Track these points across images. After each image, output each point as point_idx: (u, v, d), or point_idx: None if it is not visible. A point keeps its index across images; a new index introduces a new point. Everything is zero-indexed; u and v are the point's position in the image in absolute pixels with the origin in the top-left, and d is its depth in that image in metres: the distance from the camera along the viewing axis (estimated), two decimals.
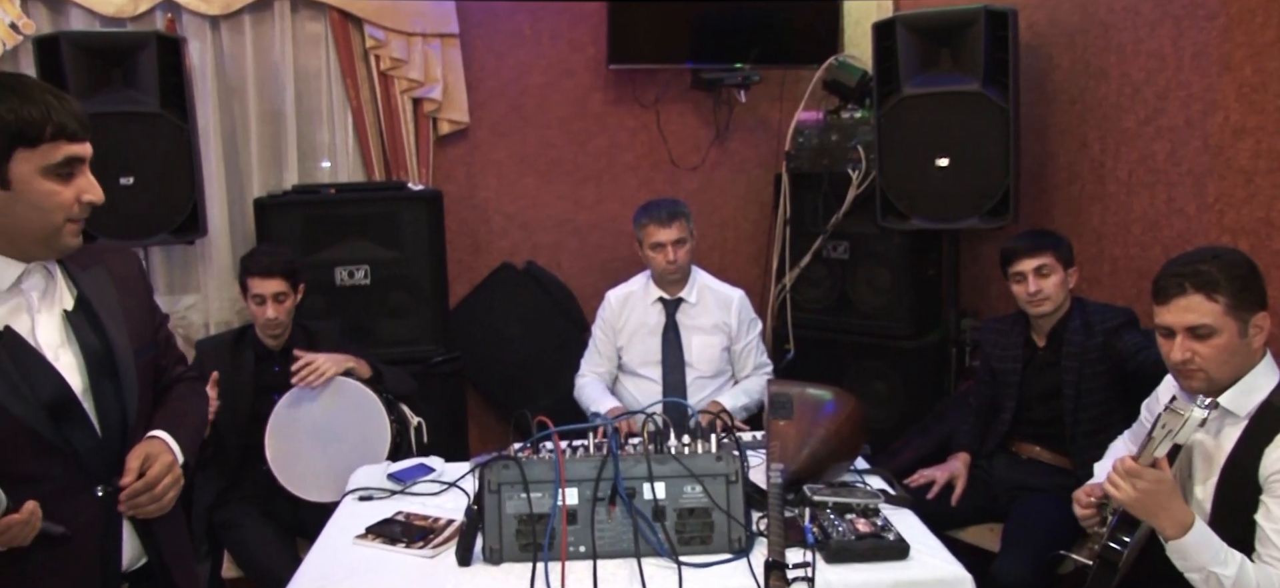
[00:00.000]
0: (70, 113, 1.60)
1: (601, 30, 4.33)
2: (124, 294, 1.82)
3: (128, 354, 1.75)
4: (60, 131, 1.58)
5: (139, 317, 1.85)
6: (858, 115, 4.06)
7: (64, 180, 1.61)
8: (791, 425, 2.45)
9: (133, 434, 1.75)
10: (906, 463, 3.34)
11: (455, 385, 3.95)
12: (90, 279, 1.77)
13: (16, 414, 1.59)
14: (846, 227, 4.03)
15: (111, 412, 1.72)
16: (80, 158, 1.63)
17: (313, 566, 2.12)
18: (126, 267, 1.89)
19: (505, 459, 2.09)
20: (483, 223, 4.48)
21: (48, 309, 1.69)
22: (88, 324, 1.72)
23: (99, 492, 1.71)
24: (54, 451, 1.64)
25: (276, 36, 4.04)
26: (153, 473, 1.71)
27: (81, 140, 1.62)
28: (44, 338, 1.67)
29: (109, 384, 1.72)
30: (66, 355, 1.69)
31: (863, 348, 4.07)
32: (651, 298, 3.48)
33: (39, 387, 1.62)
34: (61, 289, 1.73)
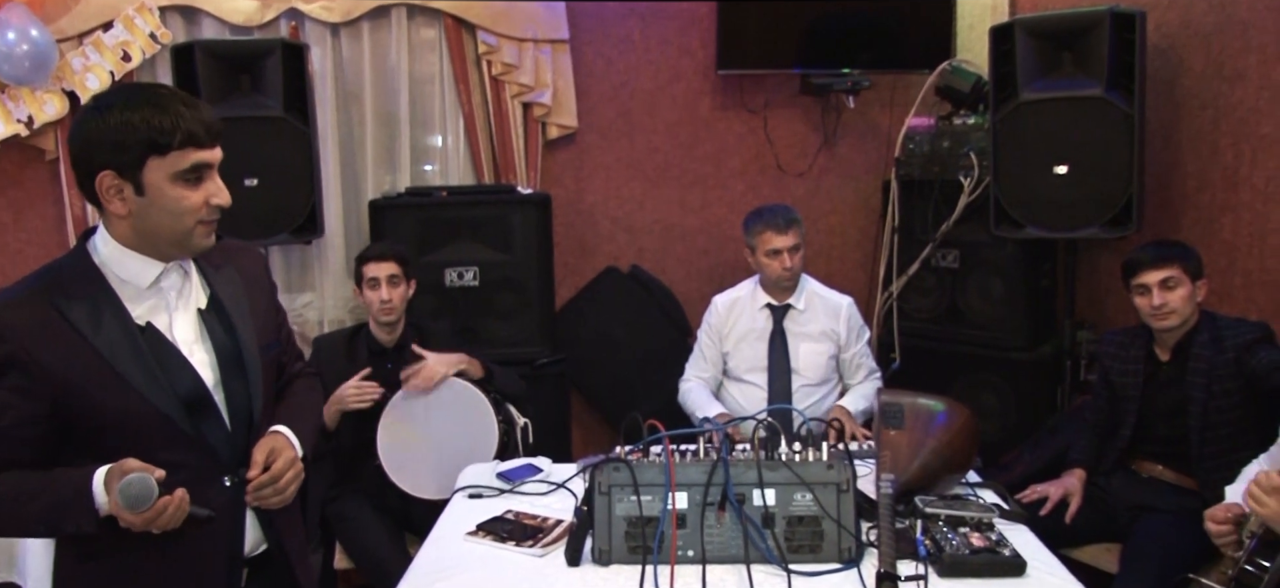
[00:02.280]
0: (199, 120, 1.65)
1: (710, 35, 4.34)
2: (252, 292, 1.89)
3: (254, 351, 1.82)
4: (189, 139, 1.63)
5: (264, 314, 1.92)
6: (971, 121, 3.97)
7: (192, 185, 1.66)
8: (903, 435, 2.41)
9: (258, 427, 1.82)
10: (1018, 478, 3.25)
11: (560, 387, 4.00)
12: (222, 278, 1.85)
13: (156, 406, 1.67)
14: (957, 235, 3.94)
15: (239, 406, 1.79)
16: (208, 164, 1.68)
17: (426, 559, 2.17)
18: (254, 266, 1.96)
19: (616, 462, 2.10)
20: (589, 227, 4.52)
21: (184, 307, 1.77)
22: (219, 322, 1.80)
23: (227, 481, 1.78)
24: (188, 441, 1.71)
25: (393, 43, 4.16)
26: (277, 467, 1.78)
27: (209, 147, 1.67)
28: (180, 334, 1.75)
29: (238, 380, 1.79)
30: (200, 352, 1.77)
31: (972, 359, 3.97)
32: (759, 304, 3.46)
33: (176, 381, 1.71)
34: (196, 288, 1.80)
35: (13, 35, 3.66)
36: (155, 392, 1.67)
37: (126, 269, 1.70)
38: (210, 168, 1.69)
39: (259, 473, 1.77)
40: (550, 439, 3.52)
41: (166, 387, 1.68)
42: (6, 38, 3.65)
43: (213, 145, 1.69)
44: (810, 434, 2.20)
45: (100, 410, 1.65)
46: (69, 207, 4.07)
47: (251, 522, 1.85)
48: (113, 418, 1.66)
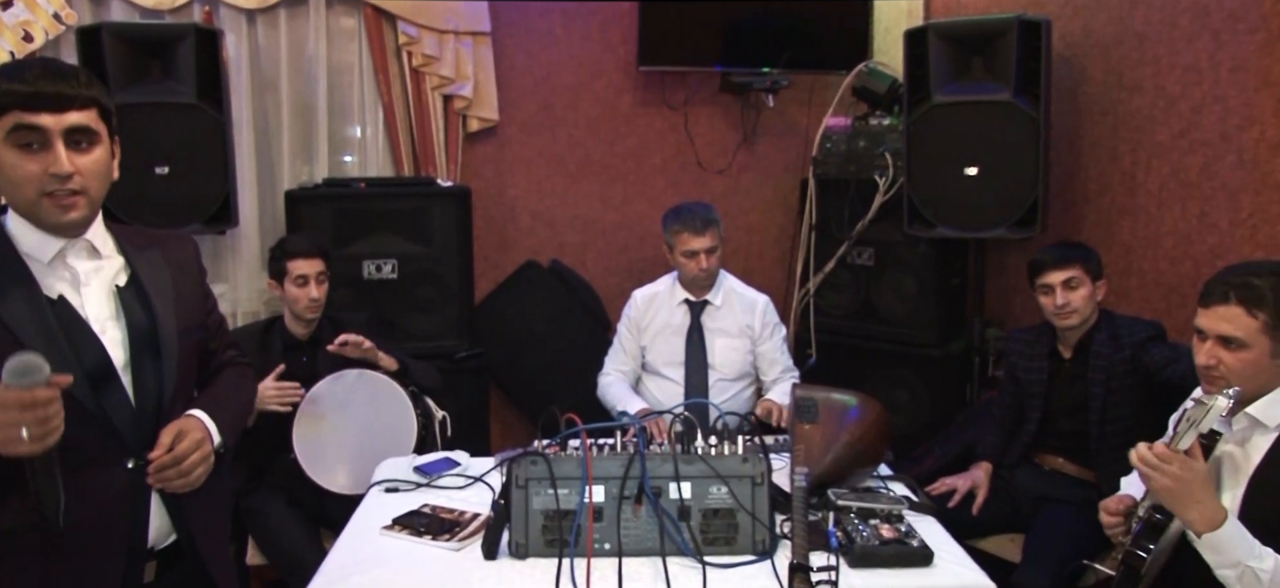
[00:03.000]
0: (32, 84, 1.60)
1: (632, 32, 4.35)
2: (177, 276, 1.87)
3: (172, 334, 1.80)
4: (14, 101, 1.60)
5: (189, 299, 1.90)
6: (886, 122, 4.06)
7: (25, 153, 1.62)
8: (816, 429, 2.45)
9: (168, 411, 1.78)
10: (928, 471, 3.34)
11: (479, 381, 3.98)
12: (144, 260, 1.83)
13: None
14: (872, 233, 4.03)
15: (149, 387, 1.76)
16: (34, 127, 1.61)
17: (340, 554, 2.15)
18: (181, 251, 1.94)
19: (533, 455, 2.11)
20: (510, 220, 4.50)
21: (99, 284, 1.75)
22: (137, 302, 1.78)
23: (129, 464, 1.73)
24: (91, 419, 1.67)
25: (311, 31, 4.08)
26: (181, 448, 1.74)
27: (39, 112, 1.61)
28: (93, 311, 1.73)
29: (150, 360, 1.76)
30: (113, 329, 1.74)
31: (886, 355, 4.06)
32: (677, 299, 3.50)
33: (83, 356, 1.68)
34: (117, 267, 1.79)
35: None
36: (60, 367, 1.59)
37: (28, 242, 1.69)
38: (41, 132, 1.61)
39: (163, 454, 1.73)
40: (469, 433, 3.50)
41: (73, 362, 1.64)
42: None
43: (45, 111, 1.61)
44: (726, 428, 2.24)
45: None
46: None
47: (160, 511, 1.80)
48: None
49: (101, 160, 1.70)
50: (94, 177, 1.69)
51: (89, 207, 1.69)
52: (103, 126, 1.70)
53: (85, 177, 1.66)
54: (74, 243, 1.73)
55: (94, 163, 1.68)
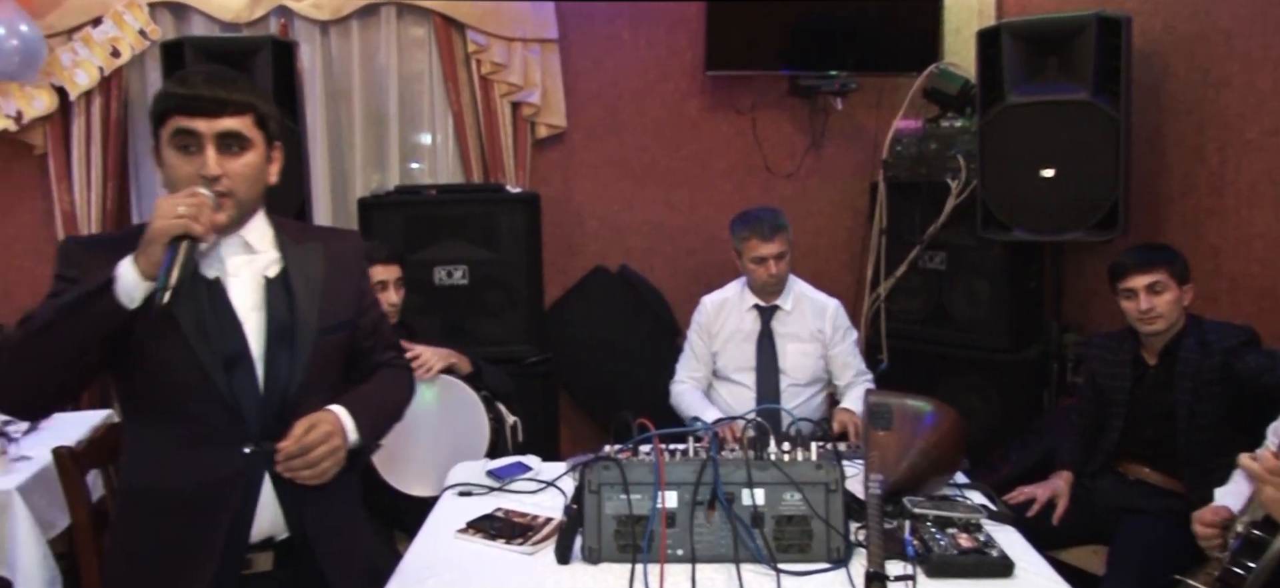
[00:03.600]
0: (192, 89, 1.70)
1: (699, 36, 4.35)
2: (332, 272, 1.92)
3: (310, 328, 1.85)
4: (175, 106, 1.70)
5: (340, 296, 1.94)
6: (958, 124, 3.99)
7: (183, 155, 1.71)
8: (891, 436, 2.41)
9: (295, 402, 1.81)
10: (1004, 479, 3.27)
11: (548, 386, 4.00)
12: (301, 253, 1.89)
13: (199, 358, 1.73)
14: (944, 237, 3.97)
15: (279, 377, 1.81)
16: (191, 131, 1.70)
17: (416, 557, 2.16)
18: (345, 248, 2.00)
19: (605, 460, 2.11)
20: (577, 226, 4.52)
21: (249, 275, 1.82)
22: (282, 294, 1.84)
23: (247, 450, 1.78)
24: (219, 400, 1.75)
25: (382, 41, 4.16)
26: (310, 438, 1.76)
27: (195, 116, 1.70)
28: (238, 299, 1.80)
29: (284, 351, 1.81)
30: (255, 318, 1.81)
31: (958, 360, 3.99)
32: (747, 305, 3.47)
33: (223, 337, 1.76)
34: (269, 260, 1.85)
35: (2, 30, 3.63)
36: (201, 345, 1.73)
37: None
38: (196, 136, 1.70)
39: (292, 443, 1.76)
40: (538, 438, 3.52)
41: (215, 342, 1.75)
42: None
43: (200, 116, 1.70)
44: (799, 434, 2.21)
45: (147, 349, 1.72)
46: (57, 201, 4.06)
47: (273, 504, 1.83)
48: (158, 360, 1.73)
49: (252, 164, 1.76)
50: (242, 180, 1.74)
51: (237, 208, 1.75)
52: (258, 133, 1.77)
53: (233, 180, 1.73)
54: (228, 238, 1.80)
55: (244, 167, 1.74)
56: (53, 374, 1.68)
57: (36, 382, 1.68)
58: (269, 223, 1.90)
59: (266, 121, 1.80)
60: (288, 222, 1.96)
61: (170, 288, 1.57)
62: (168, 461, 1.78)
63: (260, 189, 1.82)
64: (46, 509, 2.80)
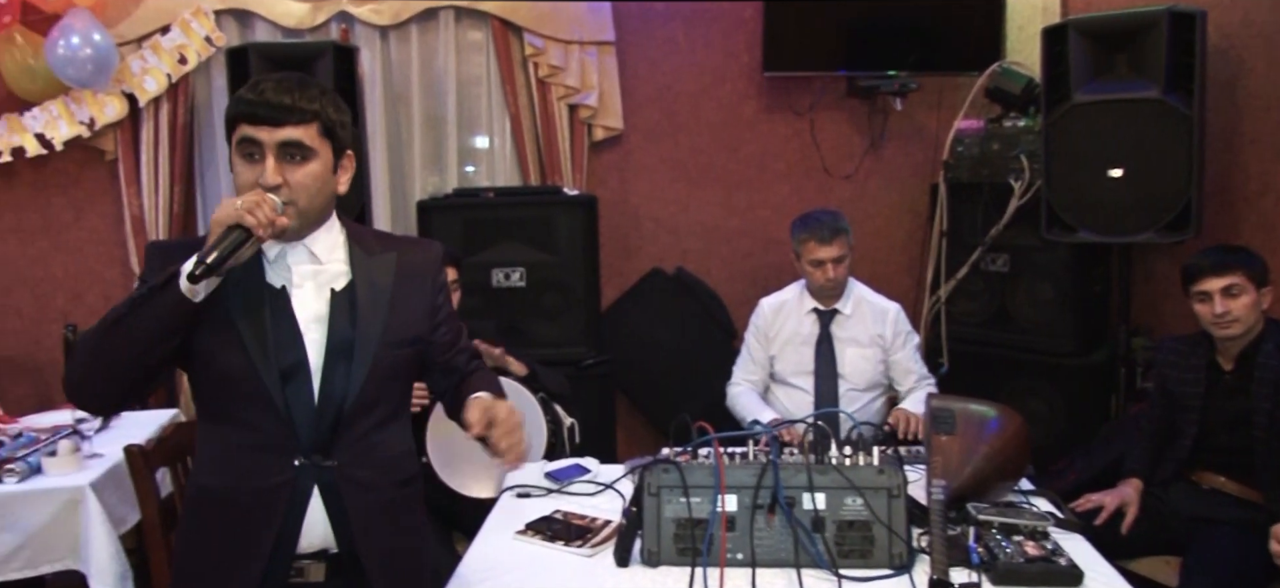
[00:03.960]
0: (258, 96, 1.70)
1: (756, 37, 4.32)
2: (404, 284, 1.90)
3: (372, 343, 1.82)
4: (242, 115, 1.70)
5: (411, 309, 1.91)
6: (1021, 124, 3.92)
7: (247, 162, 1.71)
8: (954, 441, 2.37)
9: (349, 418, 1.80)
10: (1069, 486, 3.19)
11: (604, 388, 4.00)
12: (372, 264, 1.87)
13: (258, 370, 1.73)
14: (1007, 238, 3.90)
15: (335, 391, 1.79)
16: (255, 140, 1.69)
17: (475, 558, 2.17)
18: (420, 259, 1.96)
19: (665, 463, 2.09)
20: (634, 228, 4.52)
21: (315, 287, 1.81)
22: (346, 308, 1.82)
23: (296, 462, 1.78)
24: (272, 408, 1.75)
25: (440, 45, 4.20)
26: (500, 414, 1.82)
27: (259, 125, 1.69)
28: (303, 310, 1.80)
29: (342, 365, 1.79)
30: (316, 330, 1.79)
31: (1021, 364, 3.92)
32: (806, 308, 3.44)
33: (282, 348, 1.76)
34: (336, 272, 1.84)
35: (77, 39, 3.74)
36: (261, 357, 1.73)
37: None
38: (259, 145, 1.70)
39: (482, 429, 1.80)
40: (595, 440, 3.52)
41: (273, 354, 1.74)
42: (71, 42, 3.74)
43: (263, 125, 1.69)
44: (861, 438, 2.18)
45: (210, 356, 1.74)
46: (127, 205, 4.16)
47: (323, 519, 1.82)
48: (218, 364, 1.74)
49: (315, 174, 1.74)
50: (303, 190, 1.72)
51: (297, 217, 1.73)
52: (323, 142, 1.74)
53: (294, 189, 1.71)
54: (294, 246, 1.79)
55: (305, 176, 1.72)
56: (124, 368, 1.69)
57: (109, 375, 1.70)
58: (343, 233, 1.88)
59: (334, 130, 1.77)
60: (365, 231, 1.94)
61: (206, 264, 1.58)
62: (227, 463, 1.80)
63: (325, 199, 1.80)
64: (117, 506, 2.86)
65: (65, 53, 3.75)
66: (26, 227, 4.29)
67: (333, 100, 1.78)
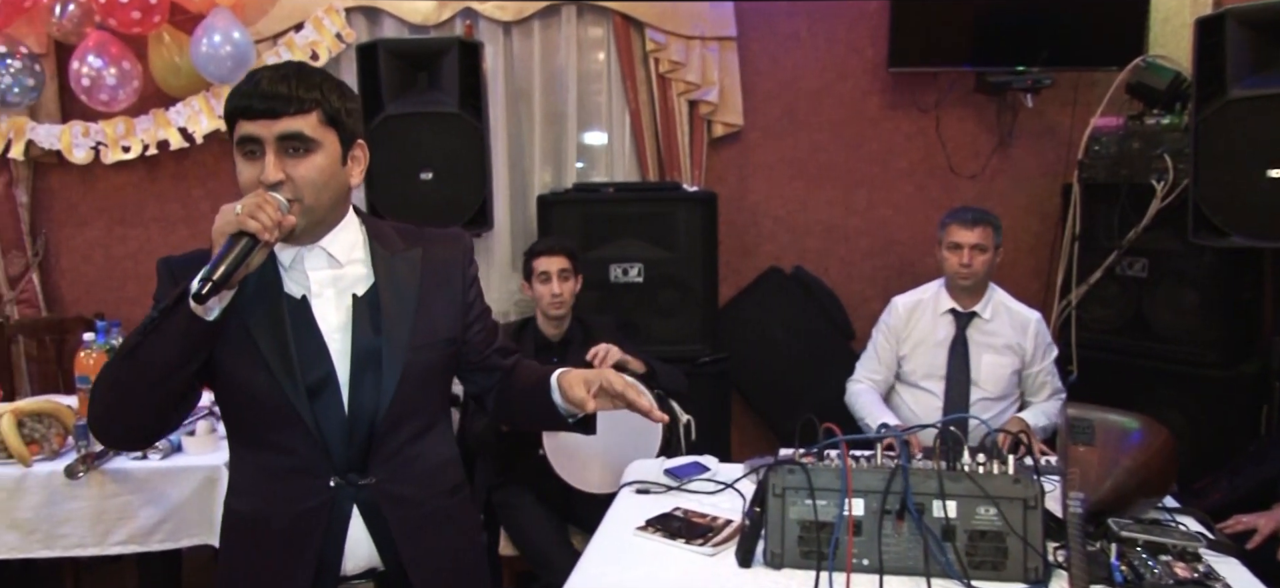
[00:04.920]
0: (252, 89, 1.57)
1: (881, 32, 4.23)
2: (431, 282, 1.78)
3: (400, 349, 1.70)
4: (237, 110, 1.58)
5: (442, 308, 1.79)
6: (1165, 121, 3.72)
7: (247, 159, 1.59)
8: (1093, 452, 2.26)
9: (382, 430, 1.70)
10: (1214, 506, 3.01)
11: (720, 386, 3.97)
12: (396, 263, 1.75)
13: (282, 387, 1.63)
14: (1146, 242, 3.71)
15: (364, 402, 1.68)
16: (254, 137, 1.57)
17: (596, 552, 2.17)
18: (447, 253, 1.83)
19: (790, 463, 2.05)
20: (752, 226, 4.48)
21: (335, 292, 1.70)
22: (369, 313, 1.70)
23: (332, 483, 1.68)
24: (301, 427, 1.65)
25: (562, 40, 4.23)
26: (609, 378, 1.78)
27: (254, 119, 1.57)
28: (325, 319, 1.69)
29: (370, 376, 1.68)
30: (339, 340, 1.68)
31: (1158, 374, 3.72)
32: (942, 308, 3.33)
33: (306, 361, 1.65)
34: (357, 275, 1.72)
35: (218, 37, 3.90)
36: (285, 374, 1.63)
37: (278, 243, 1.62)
38: (259, 141, 1.57)
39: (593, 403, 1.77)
40: (710, 438, 3.50)
41: (296, 370, 1.63)
42: (213, 40, 3.90)
43: (259, 118, 1.57)
44: (995, 446, 2.10)
45: (232, 375, 1.65)
46: None
47: (365, 537, 1.73)
48: (242, 387, 1.66)
49: (320, 167, 1.61)
50: (308, 185, 1.60)
51: (305, 215, 1.61)
52: (328, 132, 1.62)
53: (298, 185, 1.59)
54: (310, 249, 1.68)
55: (310, 169, 1.60)
56: (146, 398, 1.60)
57: (132, 408, 1.61)
58: (362, 230, 1.76)
59: (338, 118, 1.63)
60: (386, 226, 1.82)
61: (212, 280, 1.47)
62: (260, 487, 1.71)
63: (335, 194, 1.66)
64: None
65: (207, 50, 3.91)
66: (168, 216, 4.50)
67: (336, 86, 1.65)
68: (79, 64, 3.99)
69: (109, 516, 2.80)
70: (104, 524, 2.80)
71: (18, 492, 2.76)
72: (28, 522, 2.77)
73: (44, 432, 2.85)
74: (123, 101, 4.10)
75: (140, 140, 4.22)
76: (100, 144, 4.22)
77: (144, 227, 4.50)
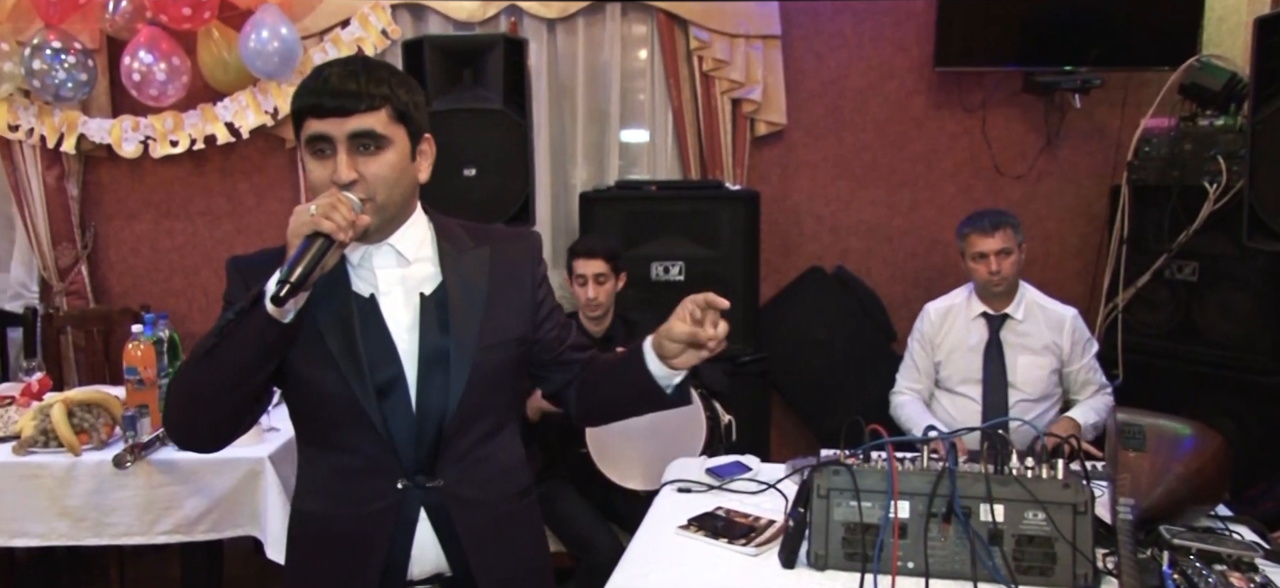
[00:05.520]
0: (322, 86, 1.55)
1: (927, 31, 4.19)
2: (500, 281, 1.75)
3: (469, 349, 1.67)
4: (307, 108, 1.56)
5: (507, 309, 1.75)
6: (1219, 123, 3.65)
7: (318, 158, 1.57)
8: (1144, 458, 2.22)
9: (450, 432, 1.68)
10: (1267, 515, 2.94)
11: (760, 386, 3.95)
12: (464, 261, 1.73)
13: (352, 388, 1.62)
14: (1196, 245, 3.65)
15: (432, 403, 1.66)
16: (324, 135, 1.55)
17: (639, 550, 2.16)
18: (515, 252, 1.80)
19: (835, 464, 2.04)
20: (794, 225, 4.45)
21: (403, 291, 1.68)
22: (437, 312, 1.68)
23: (400, 485, 1.67)
24: (370, 428, 1.64)
25: (606, 38, 4.24)
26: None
27: (325, 117, 1.54)
28: (393, 319, 1.67)
29: (438, 377, 1.66)
30: (407, 340, 1.67)
31: (1207, 379, 3.67)
32: (974, 312, 3.30)
33: (376, 366, 1.63)
34: (425, 274, 1.70)
35: (266, 33, 3.95)
36: (354, 373, 1.62)
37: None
38: (329, 140, 1.55)
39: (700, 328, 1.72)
40: (751, 438, 3.49)
41: (365, 369, 1.62)
42: (261, 35, 3.95)
43: (329, 117, 1.54)
44: (1043, 450, 2.07)
45: (301, 375, 1.64)
46: (303, 192, 4.36)
47: (433, 543, 1.71)
48: (311, 387, 1.64)
49: (392, 164, 1.59)
50: (381, 183, 1.58)
51: (377, 213, 1.59)
52: (398, 128, 1.60)
53: (371, 183, 1.57)
54: (379, 247, 1.66)
55: (382, 167, 1.58)
56: (223, 401, 1.59)
57: (208, 410, 1.61)
58: (430, 227, 1.74)
59: (407, 114, 1.61)
60: (453, 224, 1.79)
61: (290, 283, 1.44)
62: (327, 488, 1.70)
63: (406, 190, 1.65)
64: (290, 477, 2.98)
65: (255, 46, 3.96)
66: (214, 210, 4.56)
67: (403, 81, 1.63)
68: (130, 59, 4.05)
69: (156, 505, 2.84)
70: (151, 513, 2.84)
71: (67, 480, 2.80)
72: (77, 509, 2.82)
73: (93, 422, 2.89)
74: (172, 96, 4.16)
75: (188, 135, 4.28)
76: (149, 138, 4.28)
77: (190, 220, 4.56)
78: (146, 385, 2.96)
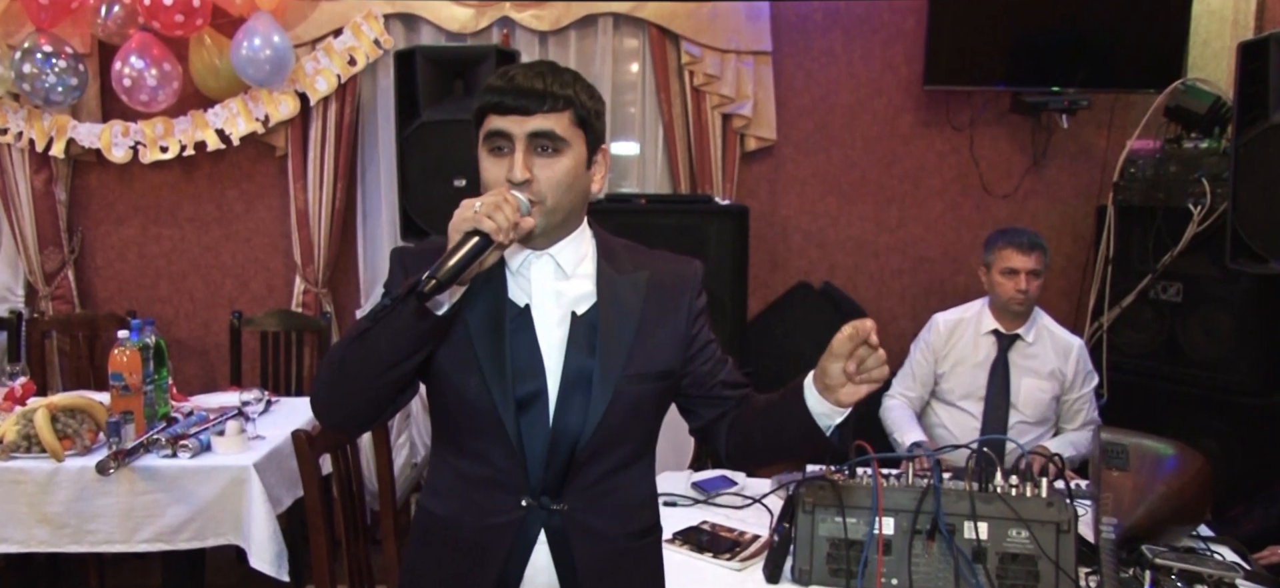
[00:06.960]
0: (507, 84, 1.54)
1: (916, 50, 4.21)
2: (654, 309, 1.68)
3: (613, 376, 1.61)
4: (489, 105, 1.55)
5: (662, 338, 1.68)
6: (1203, 145, 3.69)
7: (495, 156, 1.55)
8: (1127, 478, 2.24)
9: (583, 457, 1.62)
10: (1248, 536, 2.96)
11: None
12: (621, 283, 1.67)
13: (494, 399, 1.59)
14: (1180, 266, 3.67)
15: (569, 426, 1.61)
16: (503, 132, 1.53)
17: None
18: (676, 282, 1.73)
19: (820, 480, 2.05)
20: (782, 240, 4.47)
21: (557, 306, 1.63)
22: (587, 333, 1.63)
23: (523, 503, 1.63)
24: (504, 441, 1.60)
25: (598, 51, 4.24)
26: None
27: (507, 114, 1.52)
28: (544, 333, 1.63)
29: (579, 399, 1.61)
30: (554, 357, 1.62)
31: (1191, 400, 3.68)
32: (985, 328, 3.30)
33: (521, 379, 1.60)
34: (582, 291, 1.65)
35: (258, 41, 3.94)
36: (498, 383, 1.58)
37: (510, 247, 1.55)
38: (508, 137, 1.53)
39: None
40: None
41: (509, 380, 1.58)
42: (253, 43, 3.95)
43: (511, 115, 1.52)
44: (1028, 469, 2.09)
45: (445, 375, 1.62)
46: (293, 199, 4.35)
47: (548, 566, 1.66)
48: (453, 389, 1.62)
49: (566, 169, 1.55)
50: (553, 186, 1.54)
51: (544, 218, 1.55)
52: (578, 133, 1.57)
53: (544, 185, 1.54)
54: (539, 255, 1.62)
55: (556, 171, 1.54)
56: (368, 385, 1.56)
57: (354, 392, 1.58)
58: (593, 243, 1.69)
59: (588, 121, 1.58)
60: (617, 243, 1.73)
61: (437, 277, 1.40)
62: (453, 493, 1.68)
63: (576, 200, 1.60)
64: (275, 486, 2.99)
65: (247, 53, 3.96)
66: (203, 216, 4.54)
67: (587, 87, 1.59)
68: (121, 64, 4.04)
69: (138, 513, 2.83)
70: (132, 521, 2.83)
71: (49, 486, 2.79)
72: (58, 516, 2.81)
73: (76, 428, 2.88)
74: (162, 102, 4.15)
75: (178, 141, 4.27)
76: (139, 144, 4.27)
77: (178, 226, 4.55)
78: (131, 392, 2.95)
